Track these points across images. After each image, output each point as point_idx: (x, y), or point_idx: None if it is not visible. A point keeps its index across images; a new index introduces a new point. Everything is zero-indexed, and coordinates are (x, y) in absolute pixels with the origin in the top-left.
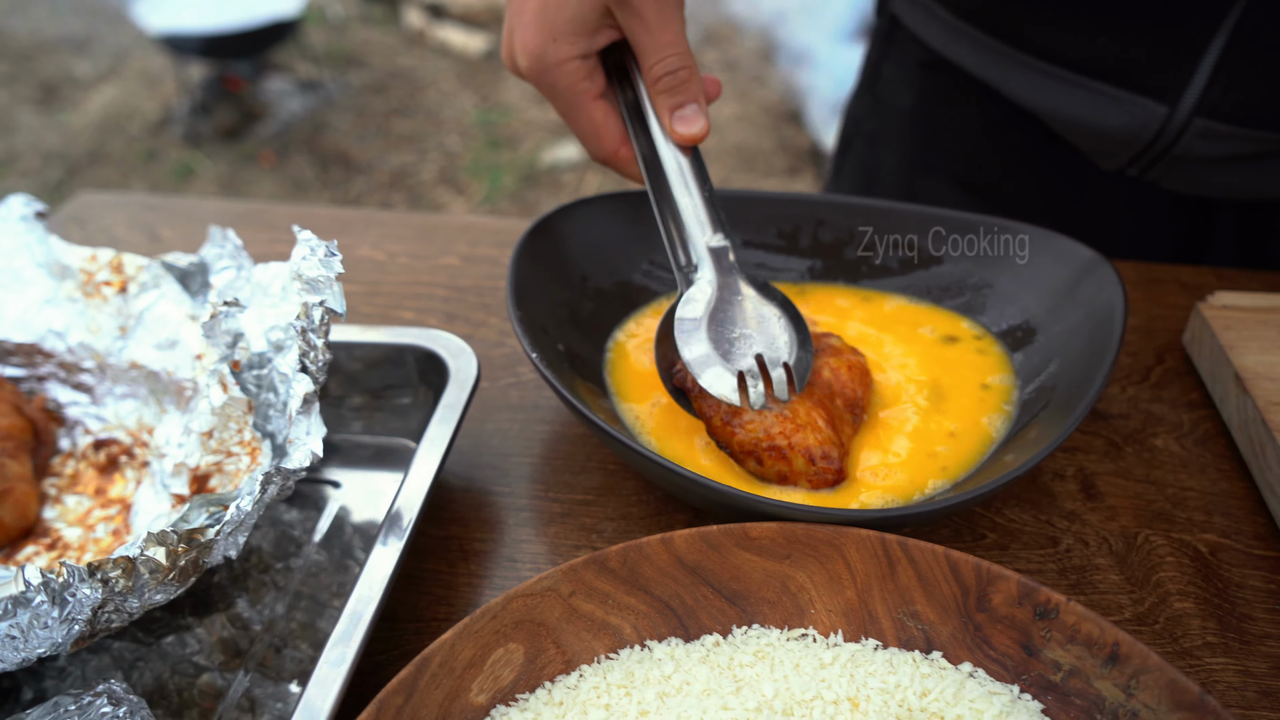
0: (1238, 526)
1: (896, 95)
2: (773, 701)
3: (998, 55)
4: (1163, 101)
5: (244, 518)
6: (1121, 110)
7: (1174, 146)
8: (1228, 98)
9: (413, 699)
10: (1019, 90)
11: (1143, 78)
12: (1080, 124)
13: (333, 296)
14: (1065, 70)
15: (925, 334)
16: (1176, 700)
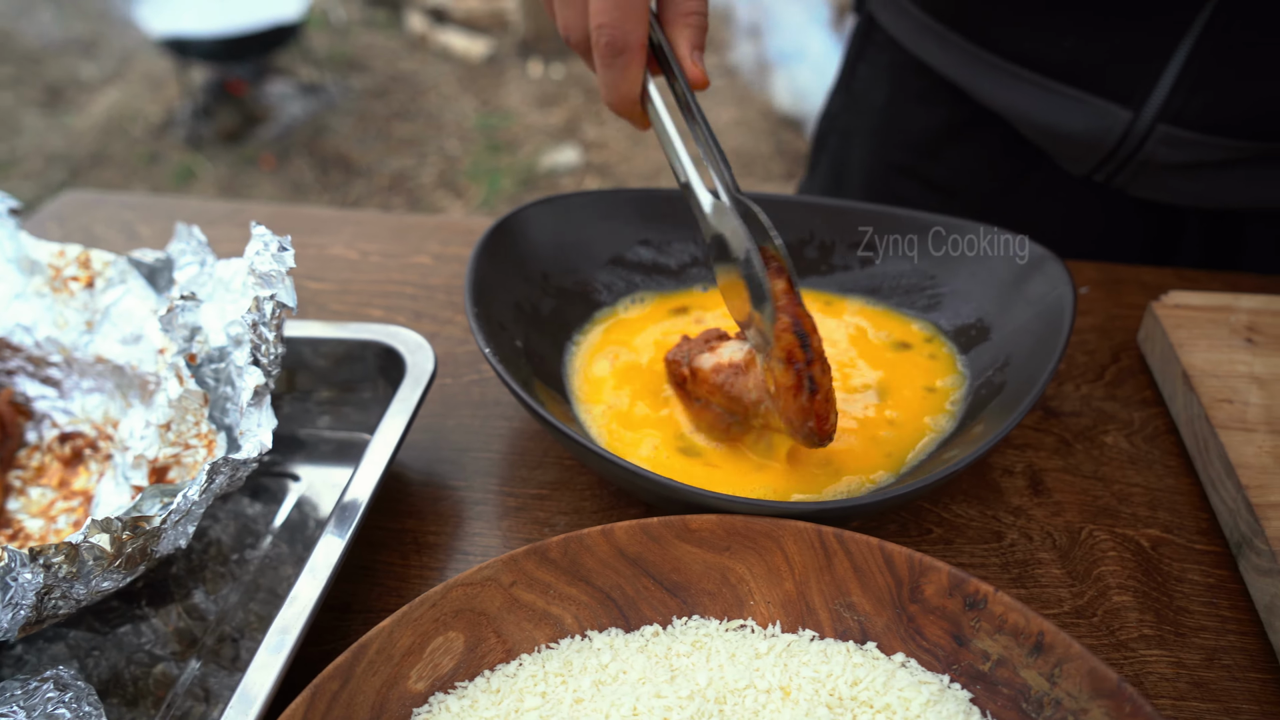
0: (1181, 522)
1: (870, 93)
2: (706, 690)
3: (966, 55)
4: (1127, 106)
5: (190, 507)
6: (1086, 114)
7: (1138, 152)
8: (1191, 104)
9: (349, 685)
10: (987, 92)
11: (1108, 82)
12: (1046, 127)
13: (284, 290)
14: (1032, 72)
15: (876, 340)
16: (1096, 688)
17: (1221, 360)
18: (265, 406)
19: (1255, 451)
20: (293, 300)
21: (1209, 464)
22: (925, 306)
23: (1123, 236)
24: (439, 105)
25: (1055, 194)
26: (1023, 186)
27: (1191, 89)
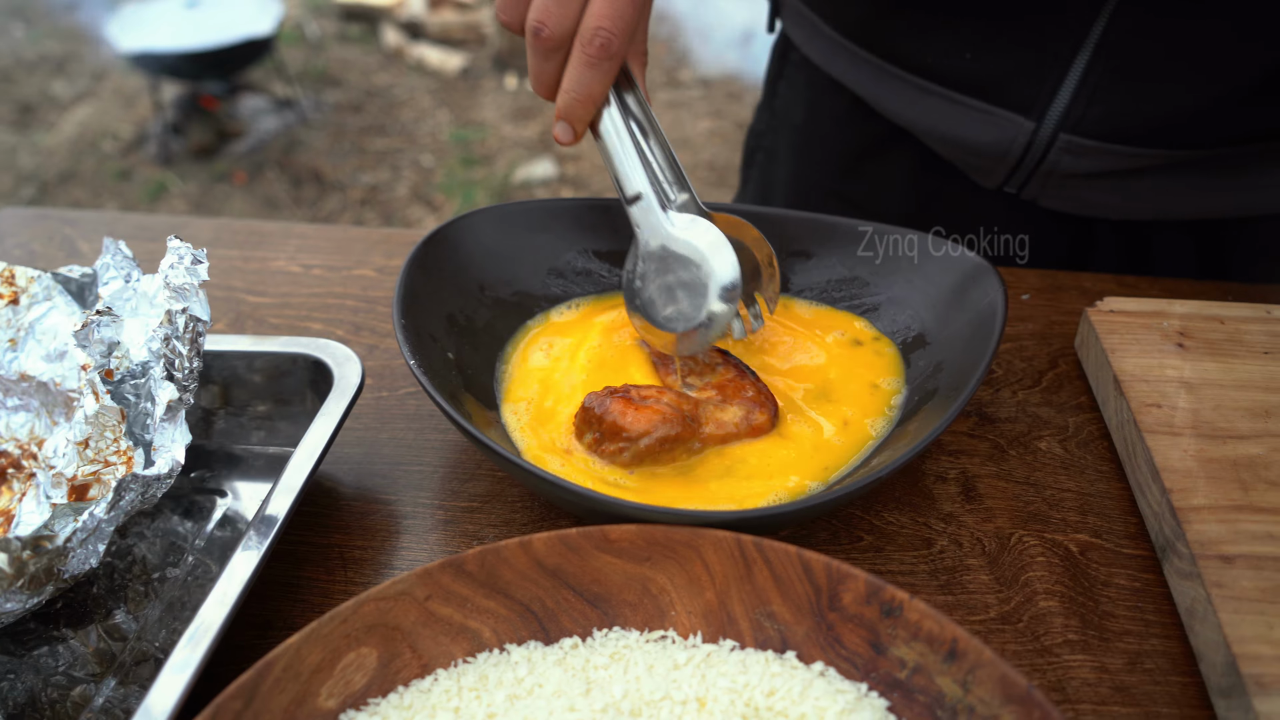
0: (1110, 526)
1: (790, 112)
2: (620, 703)
3: (875, 71)
4: (1029, 116)
5: (98, 525)
6: (991, 125)
7: (1043, 162)
8: (1091, 114)
9: (253, 704)
10: (895, 107)
11: (1010, 93)
12: (954, 140)
13: (197, 304)
14: (937, 85)
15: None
16: (1007, 694)
17: (1152, 365)
18: (180, 422)
19: (1180, 455)
20: (206, 314)
21: (1137, 468)
22: (863, 311)
23: (1039, 250)
24: (414, 119)
25: (972, 209)
26: (940, 202)
27: (1091, 99)
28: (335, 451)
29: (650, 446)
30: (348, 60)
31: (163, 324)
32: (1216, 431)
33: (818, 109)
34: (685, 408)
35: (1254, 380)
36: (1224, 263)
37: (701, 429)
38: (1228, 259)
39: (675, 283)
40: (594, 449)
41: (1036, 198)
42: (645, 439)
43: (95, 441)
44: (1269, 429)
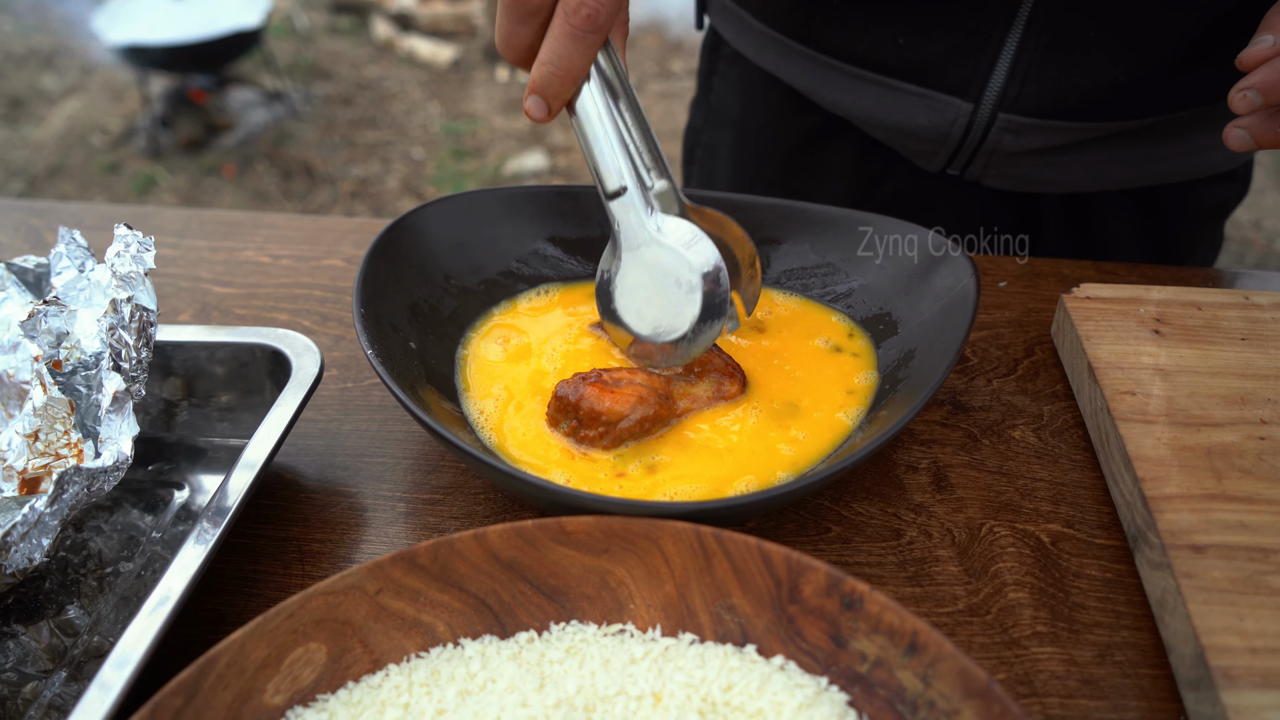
0: (1083, 516)
1: (726, 107)
2: (574, 698)
3: (809, 63)
4: (967, 98)
5: (39, 518)
6: (929, 109)
7: (984, 142)
8: (1027, 92)
9: (195, 700)
10: (832, 97)
11: (945, 76)
12: (893, 125)
13: (143, 293)
14: (873, 73)
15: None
16: (967, 688)
17: (1128, 352)
18: (127, 414)
19: (1154, 444)
20: (153, 303)
21: (1110, 457)
22: (834, 299)
23: (985, 230)
24: (404, 112)
25: (916, 194)
26: (883, 189)
27: (1025, 77)
28: (298, 443)
29: (629, 428)
30: (338, 53)
31: (107, 313)
32: (1191, 419)
33: (753, 103)
34: (658, 386)
35: (1230, 367)
36: (1165, 229)
37: (676, 405)
38: (1169, 225)
39: (656, 292)
40: (572, 435)
41: (980, 178)
42: (624, 421)
43: (45, 434)
44: (1244, 416)
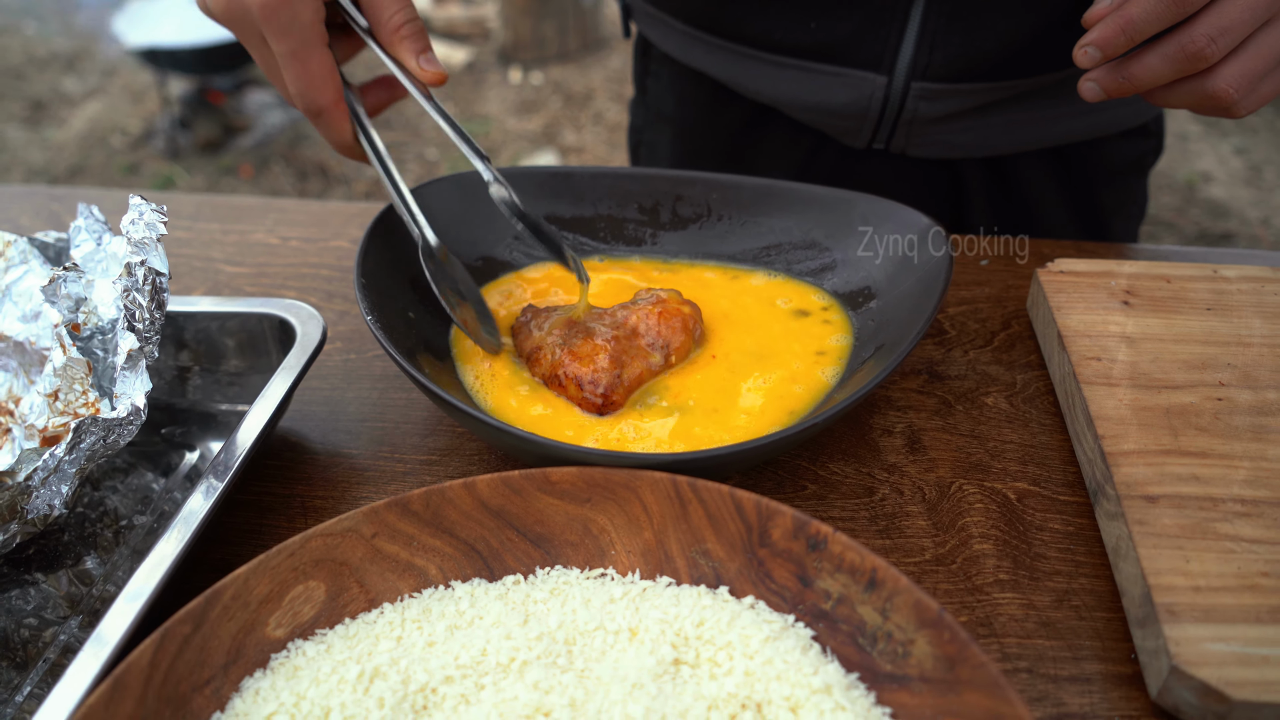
0: (1048, 475)
1: (662, 106)
2: (555, 632)
3: (730, 55)
4: (880, 71)
5: (58, 464)
6: (846, 86)
7: (902, 112)
8: (935, 59)
9: (202, 629)
10: (755, 86)
11: (858, 53)
12: (815, 107)
13: (156, 257)
14: (790, 58)
15: (781, 306)
16: (921, 619)
17: (1096, 321)
18: (140, 371)
19: (1115, 404)
20: (164, 266)
21: (1075, 418)
22: (818, 270)
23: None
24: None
25: (847, 172)
26: (818, 170)
27: (933, 45)
28: (303, 409)
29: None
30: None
31: (122, 276)
32: (1153, 382)
33: (685, 100)
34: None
35: (1194, 334)
36: (1086, 187)
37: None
38: (1089, 183)
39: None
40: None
41: (904, 149)
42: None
43: (64, 394)
44: (1204, 379)
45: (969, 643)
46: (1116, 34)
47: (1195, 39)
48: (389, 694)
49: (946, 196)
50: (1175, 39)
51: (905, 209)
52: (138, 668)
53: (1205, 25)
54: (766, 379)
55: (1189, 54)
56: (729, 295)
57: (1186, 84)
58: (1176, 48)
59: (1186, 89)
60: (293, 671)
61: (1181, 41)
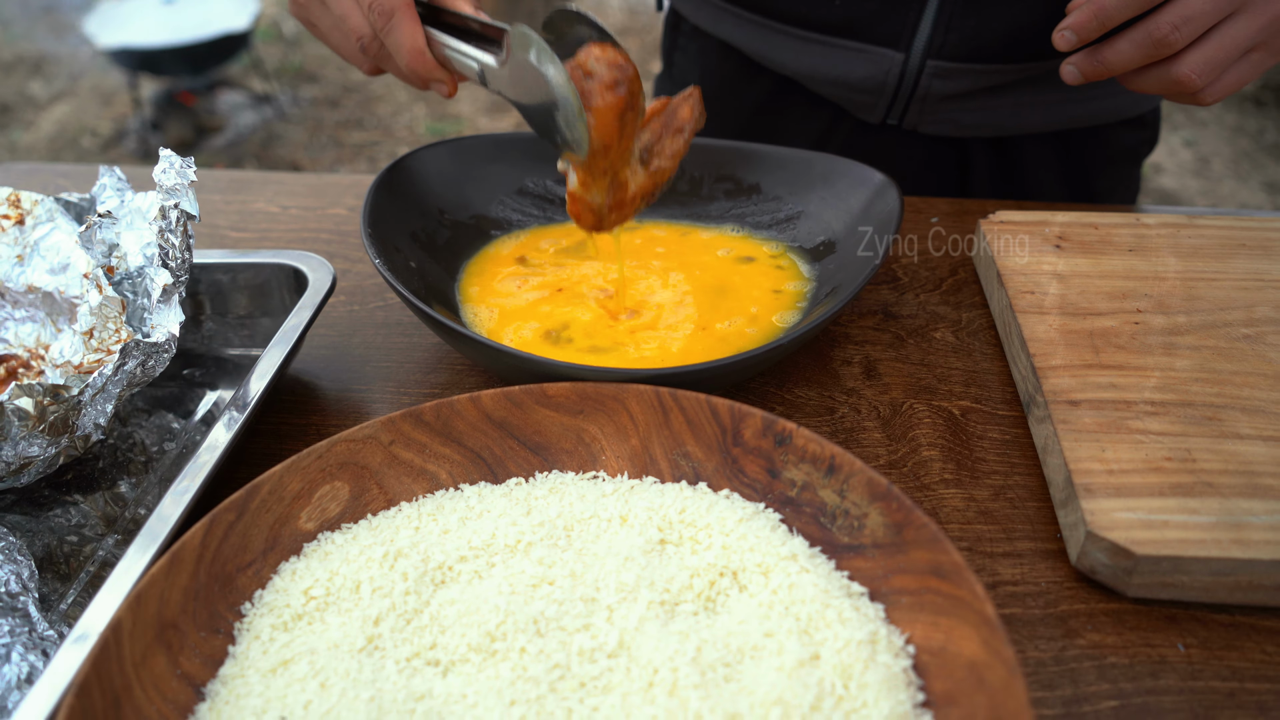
0: (988, 394)
1: (687, 79)
2: (555, 520)
3: (759, 29)
4: (898, 49)
5: (105, 384)
6: (866, 61)
7: (916, 88)
8: (950, 39)
9: (244, 518)
10: (781, 58)
11: (878, 30)
12: (836, 79)
13: (187, 200)
14: (815, 33)
15: (721, 255)
16: (873, 494)
17: (1031, 262)
18: (174, 304)
19: (1046, 329)
20: (195, 209)
21: (1011, 344)
22: (782, 231)
23: (927, 175)
24: (390, 114)
25: (862, 146)
26: (831, 144)
27: (949, 26)
28: (313, 353)
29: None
30: (324, 56)
31: (156, 218)
32: (1079, 310)
33: (711, 72)
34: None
35: (1117, 271)
36: (1084, 171)
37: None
38: (1087, 168)
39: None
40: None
41: (917, 125)
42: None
43: (99, 331)
44: (1124, 307)
45: (913, 509)
46: (1090, 19)
47: (1160, 26)
48: (411, 569)
49: (952, 173)
50: (1143, 26)
51: (860, 165)
52: (190, 546)
53: (1170, 14)
54: (733, 319)
55: (1154, 40)
56: (704, 248)
57: (1155, 69)
58: (1143, 34)
59: (1155, 74)
60: (324, 555)
61: (1148, 28)
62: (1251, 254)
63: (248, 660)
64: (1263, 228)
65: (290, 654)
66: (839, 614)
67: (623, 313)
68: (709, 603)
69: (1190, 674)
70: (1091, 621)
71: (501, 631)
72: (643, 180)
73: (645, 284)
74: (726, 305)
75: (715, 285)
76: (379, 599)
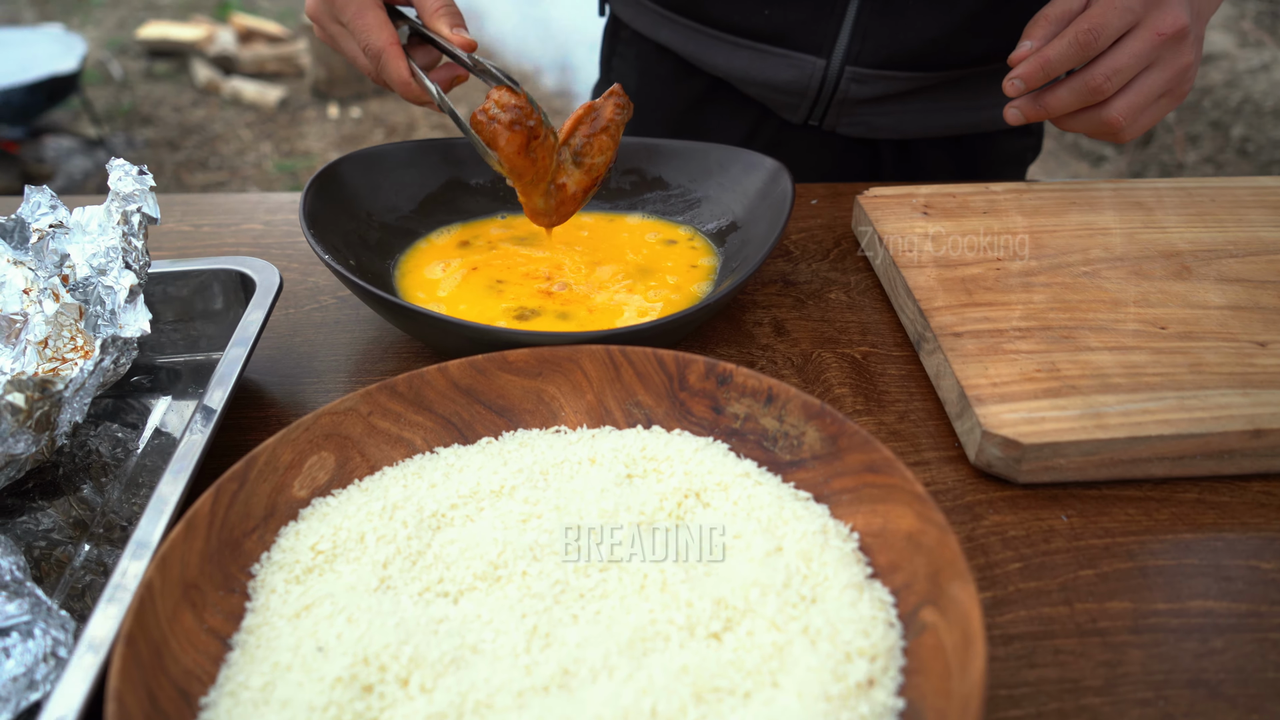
0: (883, 340)
1: (625, 82)
2: (531, 467)
3: (693, 33)
4: (820, 55)
5: (84, 380)
6: (790, 67)
7: (836, 92)
8: (867, 48)
9: (245, 487)
10: (713, 61)
11: (803, 38)
12: (763, 82)
13: (148, 204)
14: (745, 39)
15: (650, 239)
16: (808, 414)
17: (905, 227)
18: (140, 304)
19: (926, 279)
20: (156, 212)
21: (897, 295)
22: (685, 210)
23: (842, 173)
24: (236, 152)
25: (784, 145)
26: (756, 143)
27: (865, 36)
28: (258, 355)
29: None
30: (158, 97)
31: (119, 222)
32: (951, 262)
33: (648, 74)
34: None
35: (976, 230)
36: (976, 171)
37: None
38: (979, 168)
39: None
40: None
41: (834, 127)
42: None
43: (54, 340)
44: (985, 258)
45: (845, 420)
46: (1037, 70)
47: (1095, 76)
48: (410, 518)
49: (863, 171)
50: (1080, 76)
51: (751, 153)
52: (201, 514)
53: (1104, 66)
54: (660, 290)
55: (1091, 88)
56: (630, 233)
57: (1087, 113)
58: (1081, 83)
59: (1086, 117)
60: (323, 516)
61: (1085, 78)
62: (1082, 210)
63: (269, 610)
64: (1088, 189)
65: (310, 599)
66: (793, 513)
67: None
68: (680, 519)
69: (1073, 536)
70: (992, 506)
71: (502, 560)
72: (579, 178)
73: (582, 266)
74: (653, 280)
75: (641, 265)
76: (384, 545)
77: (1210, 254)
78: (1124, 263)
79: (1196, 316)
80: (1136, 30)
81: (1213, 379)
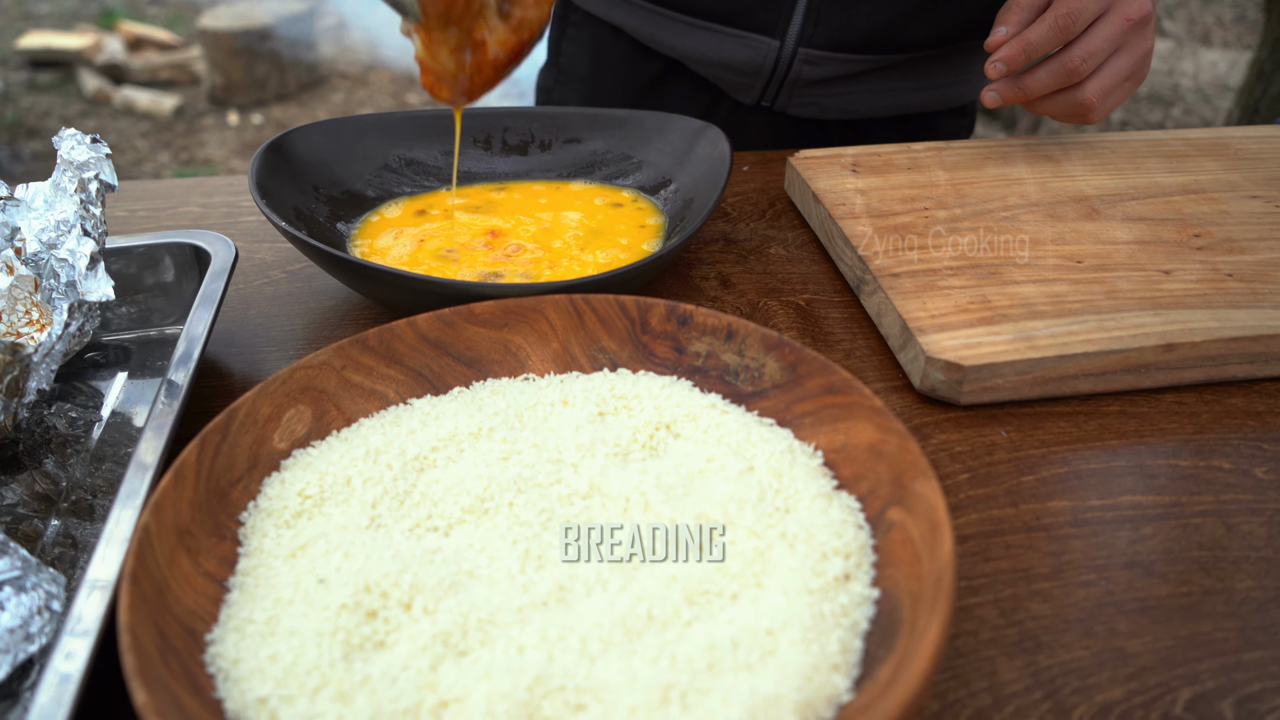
0: (823, 288)
1: (576, 66)
2: (506, 410)
3: (648, 15)
4: (774, 36)
5: (55, 342)
6: (744, 47)
7: (789, 74)
8: (819, 31)
9: (228, 438)
10: (669, 41)
11: (757, 19)
12: (717, 63)
13: (105, 171)
14: (700, 20)
15: (598, 203)
16: (767, 347)
17: (837, 184)
18: (100, 271)
19: (861, 229)
20: (114, 179)
21: (834, 245)
22: (626, 173)
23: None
24: (131, 164)
25: (737, 124)
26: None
27: (817, 19)
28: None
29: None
30: (44, 108)
31: (77, 190)
32: (882, 213)
33: (602, 57)
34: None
35: (902, 185)
36: None
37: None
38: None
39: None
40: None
41: (785, 108)
42: None
43: (8, 315)
44: (914, 208)
45: (803, 349)
46: (1019, 53)
47: (1072, 59)
48: (394, 461)
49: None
50: (1058, 59)
51: (685, 118)
52: (189, 463)
53: (1079, 49)
54: (611, 250)
55: (1068, 70)
56: (577, 197)
57: (1061, 95)
58: (1059, 65)
59: (1061, 99)
60: (306, 465)
61: (1063, 61)
62: (997, 164)
63: (264, 553)
64: (1001, 145)
65: (304, 540)
66: (760, 436)
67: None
68: (653, 450)
69: (1013, 448)
70: (938, 427)
71: (489, 494)
72: (504, 35)
73: (533, 228)
74: (603, 240)
75: (593, 229)
76: (371, 487)
77: (1115, 197)
78: (1039, 208)
79: (1108, 251)
80: (1107, 15)
81: (1127, 303)
